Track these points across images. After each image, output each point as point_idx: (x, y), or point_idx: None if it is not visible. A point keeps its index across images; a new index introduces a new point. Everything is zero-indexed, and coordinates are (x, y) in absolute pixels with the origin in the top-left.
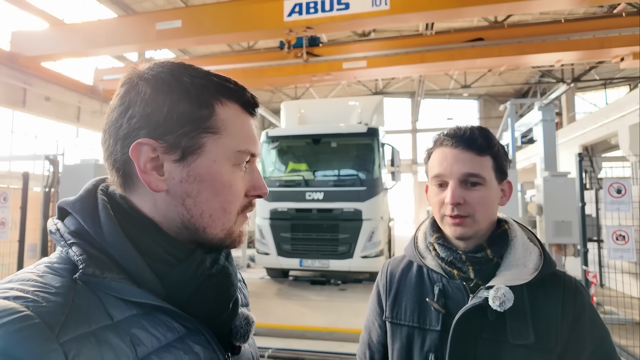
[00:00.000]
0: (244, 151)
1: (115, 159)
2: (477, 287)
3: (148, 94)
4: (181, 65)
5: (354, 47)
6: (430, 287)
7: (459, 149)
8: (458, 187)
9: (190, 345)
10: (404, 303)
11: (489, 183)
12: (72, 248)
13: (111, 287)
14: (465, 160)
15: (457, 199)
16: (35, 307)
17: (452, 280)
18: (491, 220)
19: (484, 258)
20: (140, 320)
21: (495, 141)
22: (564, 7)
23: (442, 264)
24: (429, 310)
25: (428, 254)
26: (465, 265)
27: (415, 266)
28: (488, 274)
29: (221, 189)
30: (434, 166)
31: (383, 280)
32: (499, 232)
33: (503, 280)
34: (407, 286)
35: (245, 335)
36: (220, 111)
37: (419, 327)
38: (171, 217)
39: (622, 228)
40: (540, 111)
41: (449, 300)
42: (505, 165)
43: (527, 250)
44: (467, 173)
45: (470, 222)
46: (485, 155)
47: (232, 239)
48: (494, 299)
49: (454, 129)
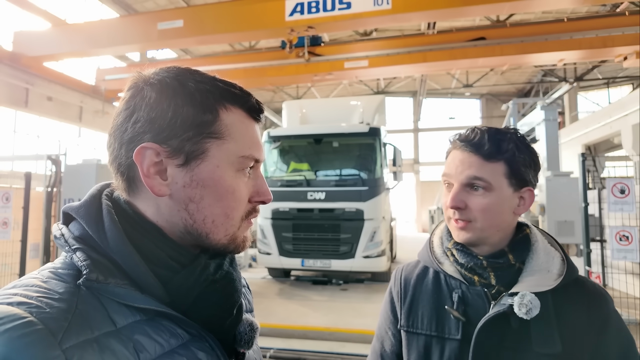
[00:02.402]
0: (247, 157)
1: (119, 162)
2: (499, 294)
3: (153, 98)
4: (187, 71)
5: (355, 47)
6: (449, 294)
7: (466, 152)
8: (460, 191)
9: (194, 352)
10: (420, 311)
11: (497, 190)
12: (76, 253)
13: (115, 292)
14: (472, 164)
15: (457, 203)
16: (38, 313)
17: (472, 286)
18: (502, 228)
19: (505, 264)
20: (143, 327)
21: (509, 146)
22: (566, 6)
23: (462, 270)
24: (447, 319)
25: (445, 260)
26: (486, 272)
27: (431, 272)
28: (510, 280)
29: (224, 194)
30: (445, 165)
31: (397, 287)
32: (521, 237)
33: (527, 287)
34: (424, 293)
35: (249, 342)
36: (225, 116)
37: (437, 336)
38: (174, 222)
39: (626, 228)
40: (542, 110)
41: (468, 307)
42: (525, 172)
43: (549, 255)
44: (471, 176)
45: (472, 228)
46: (496, 160)
47: (235, 245)
48: (520, 307)
49: (467, 131)
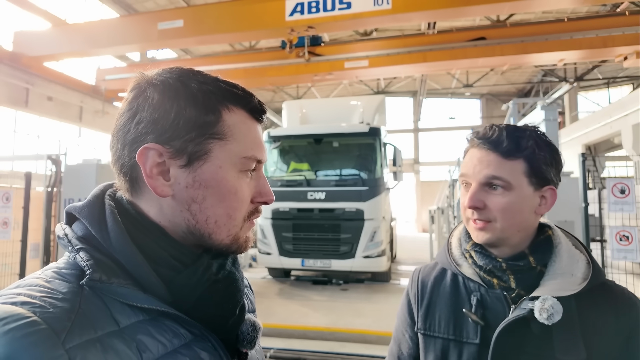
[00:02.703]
0: (250, 157)
1: (122, 163)
2: (519, 298)
3: (156, 99)
4: (189, 72)
5: (355, 47)
6: (467, 297)
7: (484, 150)
8: (479, 191)
9: (196, 352)
10: (437, 314)
11: (516, 189)
12: (80, 253)
13: (118, 292)
14: (490, 162)
15: (475, 203)
16: (42, 313)
17: (491, 289)
18: (523, 228)
19: (526, 266)
20: (146, 326)
21: (528, 143)
22: (566, 5)
23: (480, 273)
24: (465, 322)
25: (464, 262)
26: (505, 274)
27: (449, 274)
28: (531, 283)
29: (227, 195)
30: (463, 164)
31: (414, 289)
32: (542, 239)
33: (549, 291)
34: (441, 296)
35: (251, 342)
36: (227, 117)
37: (454, 340)
38: (177, 222)
39: (626, 228)
40: (542, 110)
41: (487, 311)
42: (546, 170)
43: (573, 257)
44: (490, 175)
45: (492, 228)
46: (515, 158)
47: (238, 245)
48: (541, 311)
49: (485, 129)
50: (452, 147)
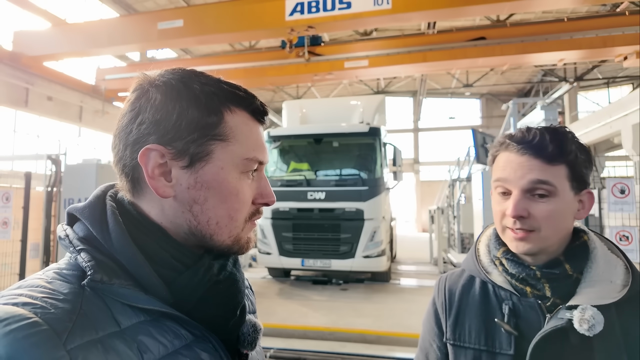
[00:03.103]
0: (251, 159)
1: (124, 164)
2: (554, 307)
3: (158, 100)
4: (192, 73)
5: (355, 47)
6: (498, 306)
7: (525, 156)
8: (522, 198)
9: (197, 353)
10: (467, 323)
11: (560, 194)
12: (81, 254)
13: (119, 293)
14: (533, 167)
15: (520, 212)
16: (43, 314)
17: (524, 298)
18: (563, 235)
19: (562, 274)
20: (147, 327)
21: (571, 147)
22: (566, 5)
23: (512, 280)
24: (497, 332)
25: (494, 269)
26: (540, 283)
27: (477, 282)
28: (567, 291)
29: (228, 196)
30: (497, 169)
31: (441, 298)
32: (578, 244)
33: (587, 299)
34: (470, 305)
35: (252, 343)
36: (229, 119)
37: (486, 351)
38: (178, 223)
39: (626, 228)
40: (542, 110)
41: (521, 320)
42: (585, 173)
43: (610, 263)
44: (535, 180)
45: (535, 238)
46: (559, 163)
47: (239, 246)
48: (582, 322)
49: (522, 133)
50: (452, 147)
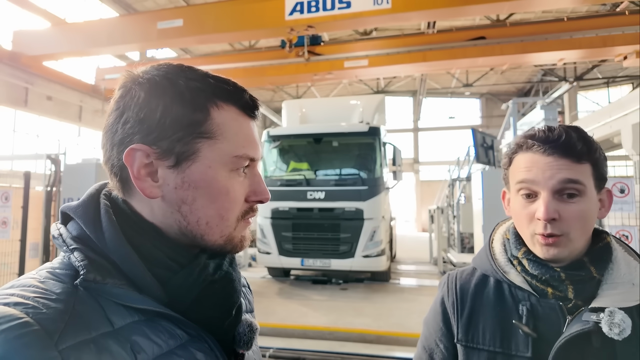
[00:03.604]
0: (241, 156)
1: (112, 164)
2: (576, 308)
3: (142, 98)
4: (178, 68)
5: (355, 46)
6: (514, 306)
7: (553, 156)
8: (552, 200)
9: (192, 353)
10: (481, 324)
11: (588, 193)
12: (74, 253)
13: (112, 293)
14: (561, 166)
15: (552, 214)
16: (35, 314)
17: (544, 299)
18: (588, 236)
19: (587, 276)
20: (141, 327)
21: (596, 145)
22: (566, 5)
23: (532, 281)
24: (514, 333)
25: (511, 269)
26: (563, 284)
27: (492, 281)
28: (589, 293)
29: (217, 195)
30: (519, 171)
31: (452, 297)
32: (602, 246)
33: (611, 302)
34: (484, 305)
35: (248, 343)
36: (216, 115)
37: (502, 353)
38: (169, 224)
39: (625, 228)
40: (542, 110)
41: (539, 322)
42: (605, 171)
43: (630, 265)
44: (565, 179)
45: (565, 242)
46: (585, 162)
47: (233, 245)
48: (611, 326)
49: (546, 132)
50: (451, 146)
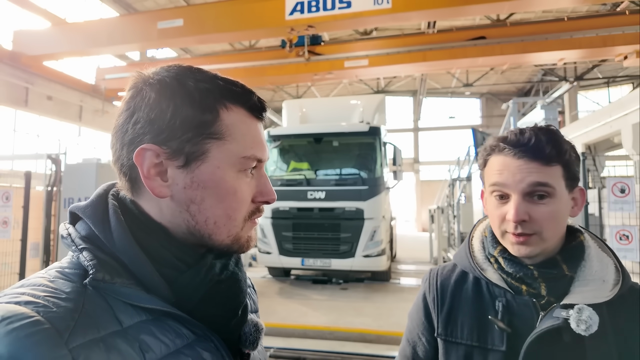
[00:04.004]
0: (249, 157)
1: (122, 163)
2: (549, 305)
3: (152, 98)
4: (187, 69)
5: (355, 46)
6: (491, 303)
7: (523, 159)
8: (522, 202)
9: (199, 352)
10: (459, 319)
11: (558, 194)
12: (83, 253)
13: (121, 292)
14: (532, 169)
15: (522, 216)
16: (45, 313)
17: (519, 296)
18: (561, 235)
19: (559, 274)
20: (149, 326)
21: (566, 146)
22: (566, 5)
23: (508, 279)
24: (490, 328)
25: (489, 266)
26: (536, 282)
27: (470, 278)
28: (561, 290)
29: (225, 195)
30: (492, 173)
31: (432, 293)
32: (575, 244)
33: (581, 298)
34: (463, 300)
35: (254, 342)
36: (225, 116)
37: (479, 347)
38: (177, 223)
39: (626, 228)
40: (542, 110)
41: (514, 317)
42: (577, 171)
43: (602, 262)
44: (534, 183)
45: (536, 240)
46: (555, 164)
47: (239, 245)
48: (579, 322)
49: (516, 135)
50: (452, 146)
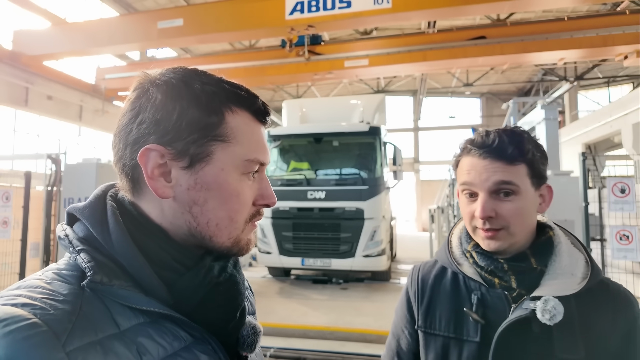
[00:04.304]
0: (252, 160)
1: (124, 163)
2: (520, 297)
3: (158, 99)
4: (193, 72)
5: (355, 46)
6: (467, 296)
7: (488, 159)
8: (489, 200)
9: (196, 355)
10: (438, 312)
11: (523, 192)
12: (81, 255)
13: (119, 294)
14: (496, 169)
15: (488, 212)
16: (42, 315)
17: (492, 289)
18: (529, 230)
19: (527, 267)
20: (147, 329)
21: (529, 146)
22: (566, 5)
23: (482, 272)
24: (466, 320)
25: (465, 261)
26: (507, 275)
27: (449, 273)
28: (532, 283)
29: (228, 197)
30: (462, 173)
31: (414, 287)
32: (544, 239)
33: (550, 291)
34: (442, 294)
35: (252, 345)
36: (230, 119)
37: (455, 338)
38: (178, 224)
39: (626, 228)
40: (542, 109)
41: (488, 310)
42: (542, 169)
43: (572, 257)
44: (499, 181)
45: (504, 235)
46: (519, 163)
47: (239, 247)
48: (544, 312)
49: (482, 137)
50: (452, 146)
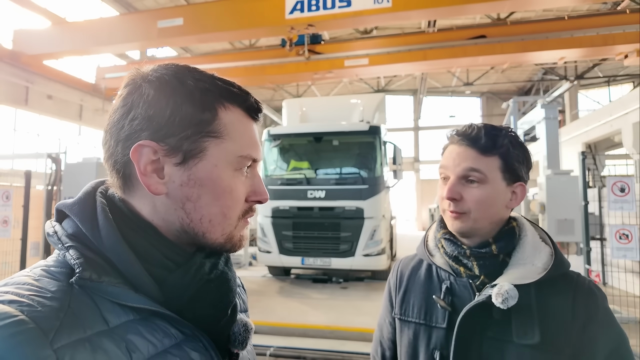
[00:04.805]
0: (245, 156)
1: (115, 160)
2: (483, 285)
3: (151, 95)
4: (185, 68)
5: (355, 45)
6: (438, 285)
7: (463, 146)
8: (457, 183)
9: (187, 352)
10: (412, 300)
11: (491, 182)
12: (69, 251)
13: (108, 291)
14: (468, 156)
15: (453, 194)
16: (30, 312)
17: (459, 278)
18: (494, 220)
19: (488, 253)
20: (136, 326)
21: (504, 141)
22: (567, 4)
23: (449, 261)
24: (435, 308)
25: (437, 252)
26: (469, 261)
27: (425, 264)
28: (494, 271)
29: (221, 193)
30: (442, 159)
31: (394, 278)
32: (506, 229)
33: (510, 279)
34: (416, 284)
35: (243, 342)
36: (223, 115)
37: (425, 324)
38: (170, 221)
39: (626, 227)
40: (543, 109)
41: (455, 298)
42: (518, 167)
43: (536, 249)
44: (467, 168)
45: (466, 218)
46: (492, 155)
47: (232, 244)
48: (497, 296)
49: (464, 127)
50: None
